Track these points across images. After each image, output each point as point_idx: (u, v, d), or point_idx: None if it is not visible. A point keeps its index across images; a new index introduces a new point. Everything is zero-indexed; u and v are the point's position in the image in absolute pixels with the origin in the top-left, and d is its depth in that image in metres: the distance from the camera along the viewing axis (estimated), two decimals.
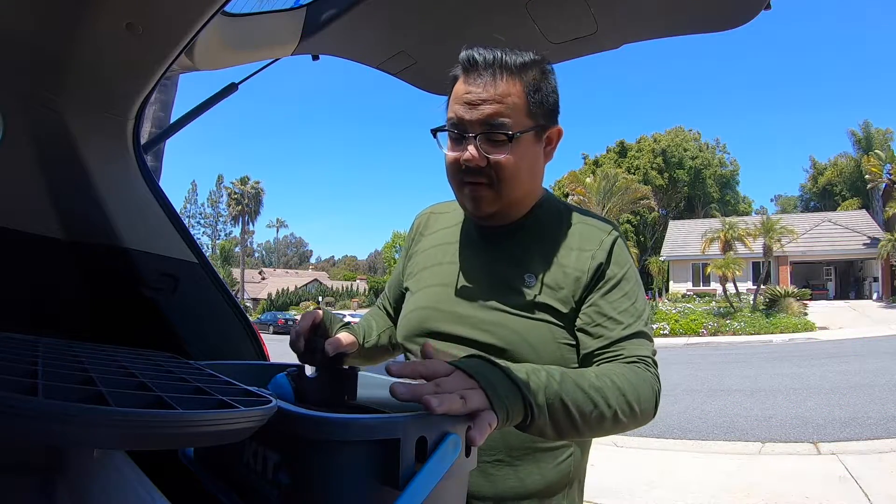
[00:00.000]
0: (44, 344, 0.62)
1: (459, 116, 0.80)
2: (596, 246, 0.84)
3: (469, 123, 0.80)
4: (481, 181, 0.81)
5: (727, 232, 20.73)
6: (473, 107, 0.79)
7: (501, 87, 0.79)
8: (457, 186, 0.85)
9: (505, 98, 0.79)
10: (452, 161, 0.83)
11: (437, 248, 0.96)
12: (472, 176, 0.81)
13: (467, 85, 0.81)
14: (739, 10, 1.08)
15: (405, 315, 0.94)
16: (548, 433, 0.64)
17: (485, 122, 0.79)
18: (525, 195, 0.87)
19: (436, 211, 1.04)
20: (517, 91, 0.80)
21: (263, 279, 49.16)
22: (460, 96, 0.81)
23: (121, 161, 1.12)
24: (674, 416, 5.72)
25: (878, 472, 3.62)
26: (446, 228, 0.98)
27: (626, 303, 0.82)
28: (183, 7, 0.81)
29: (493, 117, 0.79)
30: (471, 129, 0.80)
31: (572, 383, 0.66)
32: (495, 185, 0.81)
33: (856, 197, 33.36)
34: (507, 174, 0.81)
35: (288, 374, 0.73)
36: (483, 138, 0.79)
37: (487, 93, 0.79)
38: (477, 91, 0.79)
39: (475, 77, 0.80)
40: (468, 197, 0.84)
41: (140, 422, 0.33)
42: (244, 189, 43.22)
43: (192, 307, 1.22)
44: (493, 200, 0.83)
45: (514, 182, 0.82)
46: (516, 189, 0.84)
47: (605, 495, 3.37)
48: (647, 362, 0.78)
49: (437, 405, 0.50)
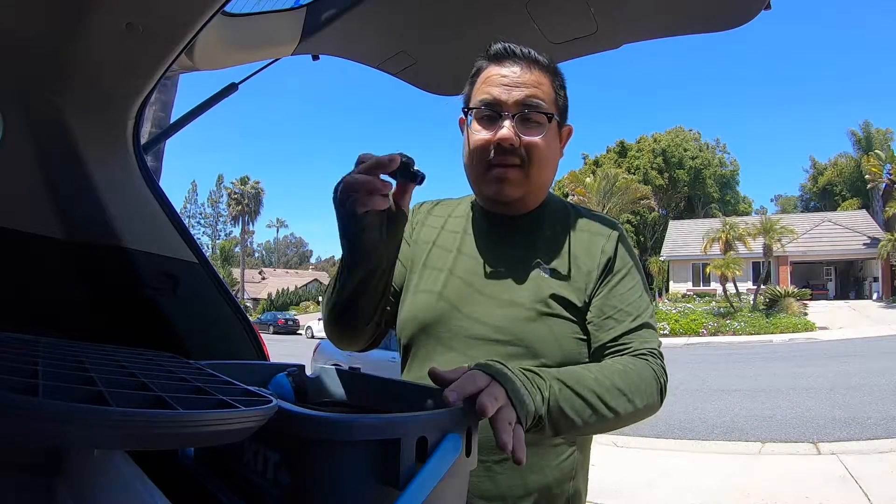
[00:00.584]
0: (44, 344, 0.62)
1: (496, 97, 0.82)
2: (604, 241, 0.87)
3: (506, 104, 0.82)
4: (514, 162, 0.82)
5: (727, 232, 20.74)
6: (511, 88, 0.82)
7: (536, 76, 0.83)
8: (483, 169, 0.85)
9: (540, 85, 0.83)
10: (483, 142, 0.83)
11: (443, 242, 0.94)
12: (504, 156, 0.82)
13: (502, 69, 0.83)
14: (739, 10, 1.08)
15: (409, 310, 0.89)
16: (547, 434, 0.66)
17: (523, 104, 0.82)
18: (545, 183, 0.89)
19: (437, 206, 1.01)
20: (548, 83, 0.85)
21: (263, 279, 49.18)
22: (495, 79, 0.83)
23: (121, 161, 1.12)
24: (674, 416, 5.71)
25: (878, 472, 3.62)
26: (453, 222, 0.96)
27: (633, 295, 0.84)
28: (183, 7, 0.81)
29: (531, 98, 0.82)
30: (507, 108, 0.82)
31: (570, 393, 0.67)
32: (525, 167, 0.83)
33: (856, 197, 33.39)
34: (538, 156, 0.83)
35: (288, 374, 0.73)
36: (519, 119, 0.82)
37: (525, 77, 0.82)
38: (514, 75, 0.83)
39: (510, 63, 0.84)
40: (495, 178, 0.84)
41: (140, 422, 0.33)
42: (244, 189, 43.24)
43: (192, 307, 1.22)
44: (521, 183, 0.84)
45: (542, 166, 0.84)
46: (542, 174, 0.86)
47: (605, 495, 3.36)
48: (654, 354, 0.80)
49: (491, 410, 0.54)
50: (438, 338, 0.84)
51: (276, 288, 43.34)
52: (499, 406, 0.56)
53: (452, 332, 0.84)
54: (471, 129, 0.85)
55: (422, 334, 0.86)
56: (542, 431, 0.65)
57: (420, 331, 0.86)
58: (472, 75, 0.89)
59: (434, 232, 0.96)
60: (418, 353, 0.87)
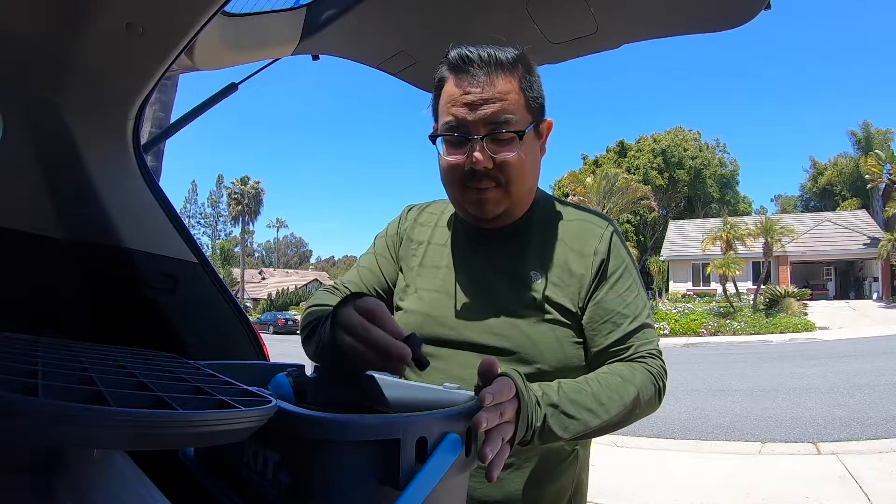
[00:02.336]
0: (44, 344, 0.62)
1: (461, 118, 0.76)
2: (597, 242, 0.84)
3: (472, 125, 0.76)
4: (489, 185, 0.79)
5: (727, 232, 20.73)
6: (475, 108, 0.76)
7: (501, 86, 0.76)
8: (459, 192, 0.82)
9: (506, 95, 0.76)
10: (454, 166, 0.79)
11: (434, 249, 0.92)
12: (479, 180, 0.78)
13: (463, 86, 0.77)
14: (739, 10, 1.08)
15: (404, 316, 0.88)
16: (535, 444, 0.66)
17: (490, 122, 0.76)
18: (528, 192, 0.86)
19: (428, 207, 1.00)
20: (514, 87, 0.78)
21: (263, 279, 49.15)
22: (457, 98, 0.77)
23: (121, 161, 1.12)
24: (674, 416, 5.71)
25: (878, 472, 3.62)
26: (444, 222, 0.95)
27: (629, 296, 0.82)
28: (183, 7, 0.80)
29: (498, 115, 0.76)
30: (475, 130, 0.76)
31: (567, 408, 0.67)
32: (503, 186, 0.79)
33: (856, 197, 33.38)
34: (515, 173, 0.79)
35: (288, 374, 0.73)
36: (489, 139, 0.76)
37: (488, 92, 0.76)
38: (476, 91, 0.76)
39: (470, 77, 0.77)
40: (473, 201, 0.81)
41: (140, 422, 0.33)
42: (244, 189, 43.22)
43: (192, 307, 1.22)
44: (501, 201, 0.81)
45: (521, 180, 0.80)
46: (522, 187, 0.82)
47: (605, 495, 3.36)
48: (653, 355, 0.80)
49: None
50: (437, 338, 0.84)
51: (276, 288, 43.31)
52: (504, 420, 0.57)
53: (450, 333, 0.83)
54: (441, 154, 0.81)
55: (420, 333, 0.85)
56: (527, 445, 0.65)
57: (419, 329, 0.84)
58: (436, 85, 0.83)
59: (427, 231, 0.95)
60: None
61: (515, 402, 0.59)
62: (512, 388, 0.59)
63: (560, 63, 1.33)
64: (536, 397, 0.64)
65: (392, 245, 0.96)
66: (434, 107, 0.84)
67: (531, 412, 0.61)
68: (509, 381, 0.59)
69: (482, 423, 0.52)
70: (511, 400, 0.59)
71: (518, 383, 0.61)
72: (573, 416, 0.67)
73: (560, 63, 1.33)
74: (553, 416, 0.65)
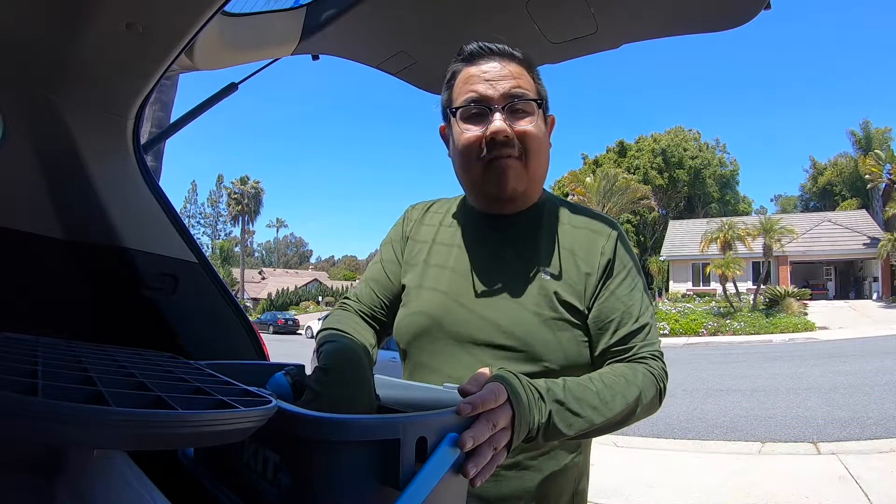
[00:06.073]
0: (44, 344, 0.62)
1: (481, 93, 0.82)
2: (604, 241, 0.86)
3: (492, 98, 0.82)
4: (512, 153, 0.82)
5: (727, 232, 20.72)
6: (495, 82, 0.82)
7: (516, 68, 0.84)
8: (480, 167, 0.83)
9: (520, 76, 0.84)
10: (474, 139, 0.82)
11: (439, 248, 0.92)
12: (501, 148, 0.82)
13: (480, 67, 0.84)
14: (739, 10, 1.08)
15: (409, 315, 0.88)
16: (538, 443, 0.66)
17: (509, 95, 0.82)
18: (542, 175, 0.89)
19: (432, 205, 1.00)
20: (527, 74, 0.85)
21: (263, 279, 49.18)
22: (476, 76, 0.83)
23: (121, 161, 1.12)
24: (674, 416, 5.71)
25: (878, 472, 3.62)
26: (450, 220, 0.95)
27: (633, 297, 0.83)
28: (183, 7, 0.80)
29: (516, 88, 0.82)
30: (496, 103, 0.82)
31: (572, 405, 0.67)
32: (523, 158, 0.83)
33: (856, 197, 33.38)
34: (534, 145, 0.83)
35: (288, 374, 0.73)
36: (508, 111, 0.82)
37: (506, 70, 0.83)
38: (494, 70, 0.83)
39: (486, 61, 0.84)
40: (496, 173, 0.83)
41: (140, 422, 0.33)
42: (244, 189, 43.21)
43: (192, 307, 1.22)
44: (520, 176, 0.83)
45: (538, 154, 0.84)
46: (539, 164, 0.86)
47: (605, 495, 3.37)
48: (655, 356, 0.80)
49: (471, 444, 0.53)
50: (443, 337, 0.83)
51: (275, 288, 43.32)
52: (497, 430, 0.56)
53: (457, 332, 0.83)
54: (459, 129, 0.83)
55: (426, 332, 0.85)
56: (532, 441, 0.65)
57: (425, 328, 0.85)
58: (448, 80, 0.88)
59: (432, 230, 0.95)
60: (422, 351, 0.86)
61: (508, 408, 0.58)
62: (502, 393, 0.58)
63: (560, 63, 1.33)
64: (541, 392, 0.64)
65: (399, 250, 0.97)
66: (446, 98, 0.89)
67: (529, 414, 0.61)
68: (499, 387, 0.59)
69: (467, 444, 0.52)
70: (502, 406, 0.58)
71: (512, 387, 0.60)
72: (578, 413, 0.67)
73: (560, 63, 1.33)
74: (558, 413, 0.65)
